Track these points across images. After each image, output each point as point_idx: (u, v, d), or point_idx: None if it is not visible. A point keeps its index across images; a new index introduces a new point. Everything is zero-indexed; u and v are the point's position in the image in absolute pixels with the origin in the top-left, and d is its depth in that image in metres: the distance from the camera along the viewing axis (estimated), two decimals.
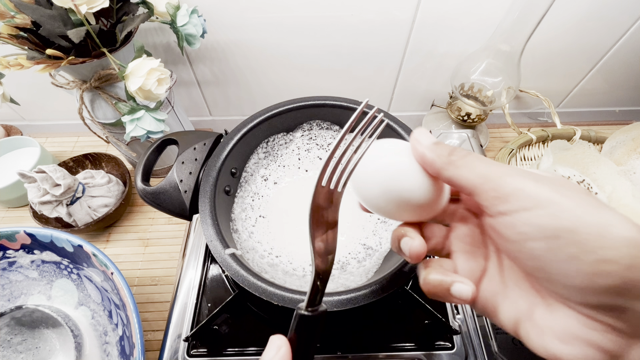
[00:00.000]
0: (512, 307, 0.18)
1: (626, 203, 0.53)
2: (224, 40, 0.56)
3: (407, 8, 0.51)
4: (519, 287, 0.18)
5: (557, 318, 0.16)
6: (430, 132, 0.19)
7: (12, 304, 0.44)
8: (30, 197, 0.50)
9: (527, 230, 0.15)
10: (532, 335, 0.17)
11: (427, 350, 0.38)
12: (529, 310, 0.17)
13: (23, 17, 0.38)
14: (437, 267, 0.19)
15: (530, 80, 0.62)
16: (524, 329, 0.17)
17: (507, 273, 0.19)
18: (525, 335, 0.17)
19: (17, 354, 0.41)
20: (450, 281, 0.18)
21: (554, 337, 0.16)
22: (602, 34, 0.56)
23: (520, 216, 0.15)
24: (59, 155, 0.68)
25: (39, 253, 0.43)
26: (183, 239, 0.50)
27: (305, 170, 0.46)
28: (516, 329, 0.17)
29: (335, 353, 0.38)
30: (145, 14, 0.43)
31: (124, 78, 0.41)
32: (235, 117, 0.71)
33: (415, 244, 0.19)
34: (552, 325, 0.16)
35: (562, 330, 0.15)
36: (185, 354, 0.38)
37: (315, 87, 0.64)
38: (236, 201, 0.42)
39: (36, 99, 0.65)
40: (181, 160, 0.38)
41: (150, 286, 0.52)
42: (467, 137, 0.58)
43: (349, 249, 0.41)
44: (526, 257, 0.16)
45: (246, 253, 0.37)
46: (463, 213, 0.21)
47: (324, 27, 0.54)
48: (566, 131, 0.59)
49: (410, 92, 0.66)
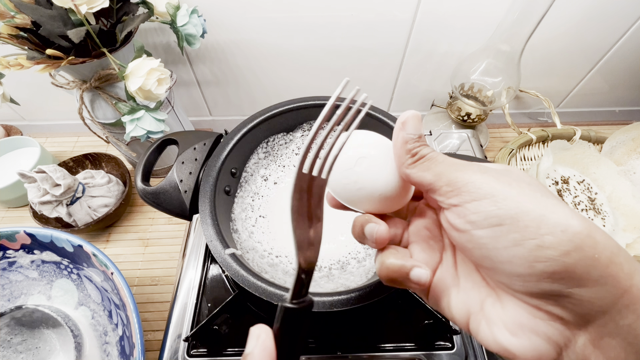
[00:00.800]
0: (463, 300, 0.18)
1: (626, 203, 0.53)
2: (224, 40, 0.56)
3: (407, 8, 0.51)
4: (471, 280, 0.18)
5: (507, 310, 0.16)
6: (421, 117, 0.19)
7: (12, 304, 0.44)
8: (30, 197, 0.50)
9: (474, 219, 0.16)
10: (482, 327, 0.17)
11: (427, 350, 0.38)
12: (479, 303, 0.17)
13: (23, 17, 0.38)
14: (395, 252, 0.20)
15: (530, 80, 0.62)
16: (474, 321, 0.17)
17: (460, 267, 0.19)
18: (475, 328, 0.17)
19: (17, 354, 0.41)
20: (410, 266, 0.19)
21: (503, 328, 0.16)
22: (602, 34, 0.56)
23: (469, 206, 0.16)
24: (59, 155, 0.68)
25: (39, 253, 0.43)
26: (183, 239, 0.50)
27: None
28: (467, 322, 0.18)
29: (335, 353, 0.38)
30: (145, 14, 0.43)
31: (124, 78, 0.41)
32: (235, 117, 0.71)
33: (381, 229, 0.20)
34: (502, 317, 0.16)
35: (511, 322, 0.16)
36: (185, 354, 0.38)
37: (316, 87, 0.64)
38: (236, 201, 0.42)
39: (36, 99, 0.65)
40: (181, 160, 0.38)
41: (150, 286, 0.52)
42: (467, 137, 0.58)
43: (349, 249, 0.41)
44: (474, 245, 0.16)
45: (246, 253, 0.37)
46: (422, 208, 0.22)
47: (324, 27, 0.54)
48: (566, 131, 0.59)
49: (410, 92, 0.66)
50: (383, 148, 0.20)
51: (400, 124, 0.19)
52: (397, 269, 0.19)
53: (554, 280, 0.14)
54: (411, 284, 0.19)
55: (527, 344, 0.15)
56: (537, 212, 0.14)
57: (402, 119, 0.19)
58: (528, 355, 0.15)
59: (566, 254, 0.14)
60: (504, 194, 0.15)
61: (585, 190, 0.55)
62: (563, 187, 0.55)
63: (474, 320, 0.17)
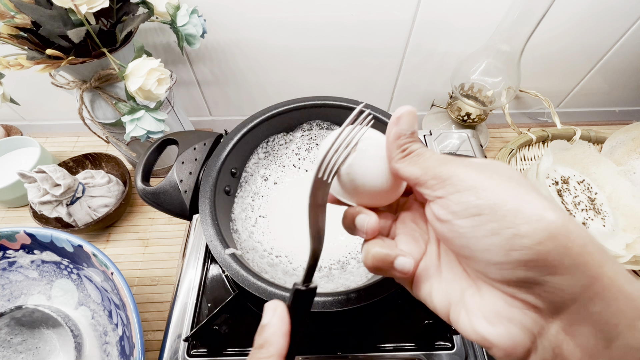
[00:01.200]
0: (444, 290, 0.19)
1: (626, 203, 0.53)
2: (224, 40, 0.56)
3: (407, 8, 0.51)
4: (452, 271, 0.19)
5: (485, 299, 0.17)
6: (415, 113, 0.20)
7: (12, 304, 0.44)
8: (30, 197, 0.50)
9: (456, 209, 0.16)
10: (461, 317, 0.17)
11: (427, 350, 0.38)
12: (460, 293, 0.18)
13: (23, 17, 0.38)
14: (381, 242, 0.21)
15: (530, 80, 0.62)
16: (454, 312, 0.18)
17: (443, 259, 0.20)
18: (455, 318, 0.18)
19: (17, 354, 0.41)
20: (395, 255, 0.19)
21: (482, 318, 0.17)
22: (602, 34, 0.56)
23: (452, 197, 0.17)
24: (59, 155, 0.68)
25: (39, 253, 0.43)
26: (183, 239, 0.50)
27: (305, 170, 0.46)
28: (448, 312, 0.18)
29: (335, 353, 0.38)
30: (145, 14, 0.43)
31: (124, 78, 0.41)
32: (235, 117, 0.71)
33: (372, 220, 0.20)
34: (481, 307, 0.17)
35: (489, 311, 0.16)
36: (185, 354, 0.38)
37: (315, 87, 0.64)
38: (236, 201, 0.42)
39: (36, 99, 0.65)
40: (181, 160, 0.38)
41: (150, 286, 0.52)
42: (467, 137, 0.58)
43: (349, 248, 0.41)
44: (454, 235, 0.17)
45: (246, 253, 0.37)
46: (411, 203, 0.23)
47: (324, 27, 0.54)
48: (566, 131, 0.59)
49: (410, 92, 0.66)
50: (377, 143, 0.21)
51: (395, 119, 0.20)
52: (382, 257, 0.20)
53: (529, 268, 0.15)
54: (395, 272, 0.20)
55: (503, 333, 0.16)
56: (514, 202, 0.15)
57: (397, 114, 0.20)
58: (504, 343, 0.16)
59: (540, 243, 0.14)
60: (484, 185, 0.16)
61: (585, 190, 0.55)
62: (563, 187, 0.55)
63: (454, 311, 0.18)
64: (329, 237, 0.41)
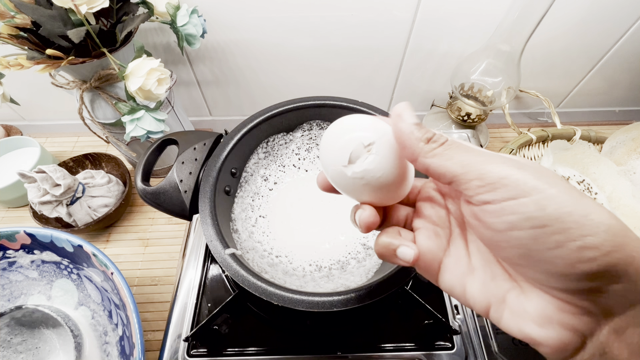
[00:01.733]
0: (480, 290, 0.18)
1: (626, 203, 0.53)
2: (224, 40, 0.56)
3: (407, 8, 0.51)
4: (490, 272, 0.18)
5: (532, 302, 0.16)
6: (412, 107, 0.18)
7: (12, 304, 0.44)
8: (30, 197, 0.50)
9: (513, 220, 0.15)
10: (505, 317, 0.17)
11: (427, 350, 0.38)
12: (501, 295, 0.17)
13: (23, 17, 0.38)
14: (392, 232, 0.21)
15: (530, 80, 0.62)
16: (496, 311, 0.17)
17: (475, 256, 0.19)
18: (497, 317, 0.17)
19: (17, 354, 0.41)
20: (398, 244, 0.20)
21: (529, 320, 0.16)
22: (602, 34, 0.56)
23: (506, 205, 0.15)
24: (59, 155, 0.68)
25: (39, 253, 0.43)
26: (183, 239, 0.50)
27: (305, 170, 0.46)
28: (487, 311, 0.18)
29: (335, 353, 0.38)
30: (145, 14, 0.43)
31: (124, 78, 0.41)
32: (235, 117, 0.71)
33: (365, 214, 0.20)
34: (527, 309, 0.16)
35: (538, 314, 0.16)
36: (185, 354, 0.38)
37: (315, 87, 0.64)
38: (236, 201, 0.42)
39: (36, 99, 0.65)
40: (181, 160, 0.38)
41: (150, 286, 0.52)
42: (467, 137, 0.58)
43: (349, 248, 0.41)
44: (510, 245, 0.16)
45: (246, 253, 0.37)
46: (431, 193, 0.22)
47: (324, 27, 0.54)
48: (566, 131, 0.59)
49: (410, 92, 0.66)
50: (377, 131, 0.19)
51: (396, 117, 0.18)
52: (386, 245, 0.20)
53: (594, 278, 0.14)
54: (399, 260, 0.20)
55: (553, 335, 0.15)
56: (579, 212, 0.14)
57: (397, 111, 0.18)
58: (555, 345, 0.15)
59: (608, 254, 0.14)
60: (547, 193, 0.14)
61: (585, 190, 0.55)
62: None
63: (496, 310, 0.17)
64: (329, 237, 0.41)
